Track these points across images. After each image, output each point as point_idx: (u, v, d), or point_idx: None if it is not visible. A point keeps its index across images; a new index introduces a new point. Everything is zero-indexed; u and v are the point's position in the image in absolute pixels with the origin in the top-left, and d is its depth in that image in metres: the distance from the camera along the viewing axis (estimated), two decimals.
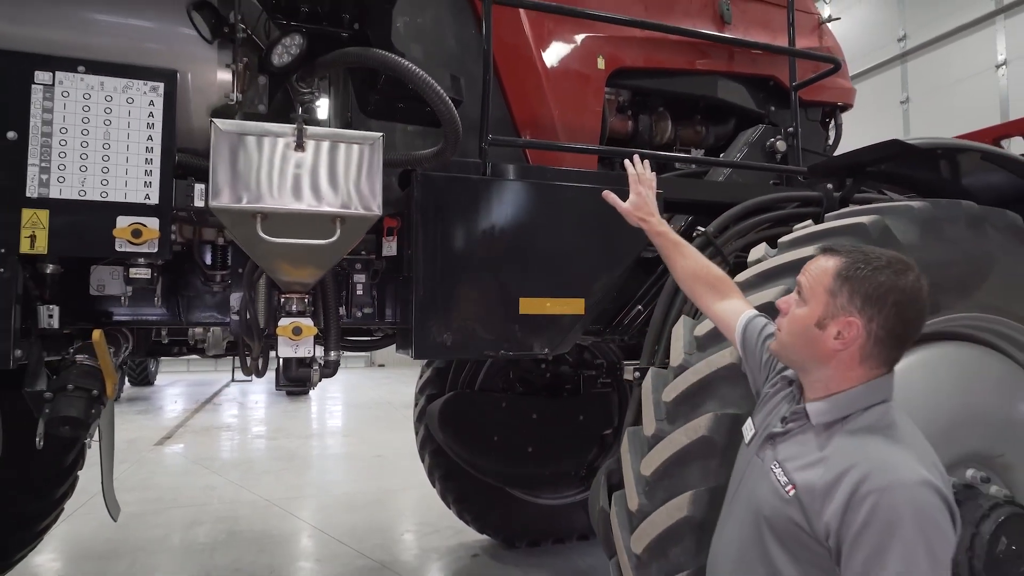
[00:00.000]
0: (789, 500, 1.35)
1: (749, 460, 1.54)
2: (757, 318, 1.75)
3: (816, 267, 1.46)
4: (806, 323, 1.41)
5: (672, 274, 2.01)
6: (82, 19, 2.01)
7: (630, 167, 2.07)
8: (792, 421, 1.45)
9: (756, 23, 3.59)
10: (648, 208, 1.99)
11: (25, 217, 1.86)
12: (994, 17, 7.75)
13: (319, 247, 1.84)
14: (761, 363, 1.68)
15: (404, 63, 2.02)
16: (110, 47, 2.02)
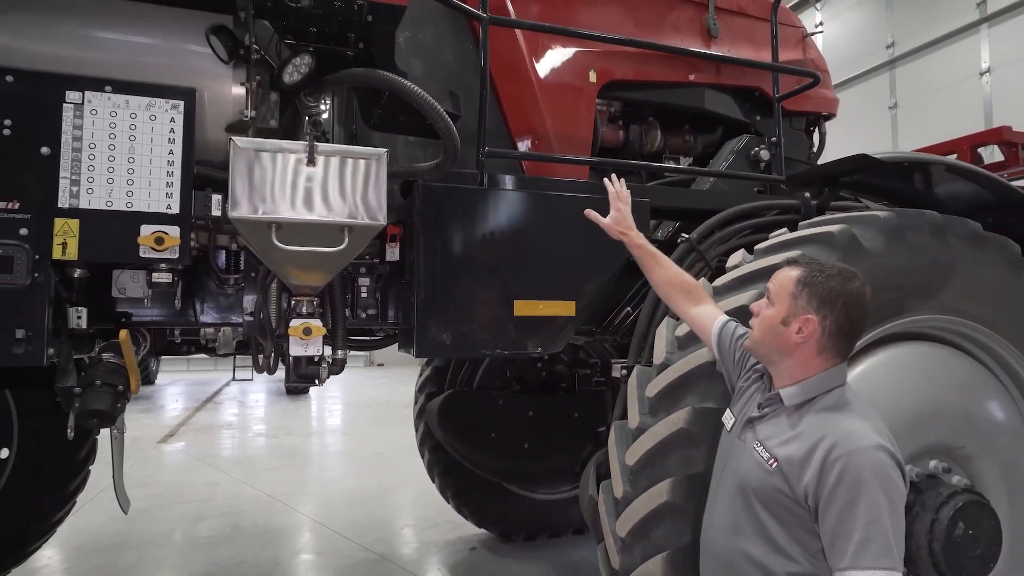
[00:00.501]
0: (772, 472, 1.60)
1: (732, 444, 1.79)
2: (729, 323, 1.98)
3: (782, 275, 1.75)
4: (773, 321, 1.69)
5: (650, 282, 2.21)
6: (109, 40, 2.16)
7: (609, 185, 2.29)
8: (767, 406, 1.71)
9: (742, 37, 3.74)
10: (627, 223, 2.22)
11: (57, 226, 2.01)
12: (978, 26, 7.92)
13: (329, 254, 2.00)
14: (734, 361, 1.93)
15: (408, 85, 2.18)
16: (134, 66, 2.17)
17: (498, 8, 2.93)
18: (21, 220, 1.98)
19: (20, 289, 1.97)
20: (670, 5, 3.51)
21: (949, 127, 8.06)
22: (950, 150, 4.58)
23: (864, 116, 9.09)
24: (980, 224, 2.57)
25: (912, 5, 8.93)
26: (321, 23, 2.31)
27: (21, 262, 1.97)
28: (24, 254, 1.97)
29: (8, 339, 1.96)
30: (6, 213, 1.97)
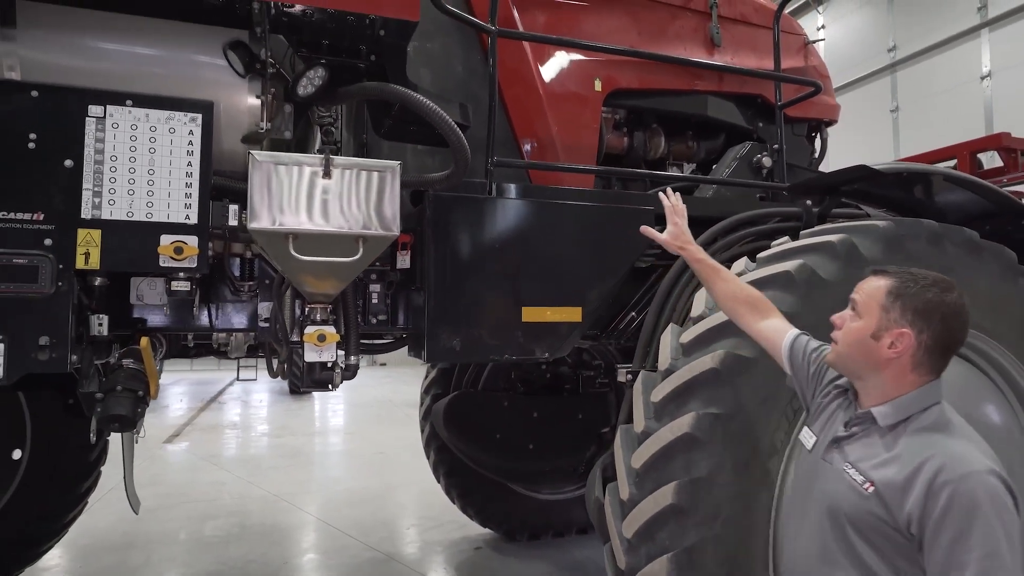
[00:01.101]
0: (868, 496, 1.47)
1: (816, 465, 1.67)
2: (801, 336, 1.90)
3: (869, 286, 1.63)
4: (862, 335, 1.57)
5: (712, 296, 2.13)
6: (129, 55, 2.22)
7: (665, 200, 2.24)
8: (856, 424, 1.59)
9: (744, 44, 3.80)
10: (685, 237, 2.15)
11: (80, 236, 2.08)
12: (979, 30, 7.97)
13: (344, 264, 2.06)
14: (808, 376, 1.84)
15: (420, 99, 2.24)
16: (154, 80, 2.24)
17: (505, 19, 2.98)
18: (46, 231, 2.04)
19: (44, 298, 2.04)
20: (674, 14, 3.57)
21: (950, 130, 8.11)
22: (950, 155, 4.63)
23: (865, 119, 9.15)
24: (977, 232, 2.63)
25: (913, 9, 8.98)
26: (334, 37, 2.37)
27: (45, 272, 2.03)
28: (48, 264, 2.04)
29: (33, 346, 2.03)
30: (31, 224, 2.03)
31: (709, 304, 2.32)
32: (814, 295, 2.22)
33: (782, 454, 2.12)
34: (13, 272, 2.00)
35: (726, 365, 2.07)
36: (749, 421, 2.07)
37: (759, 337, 1.99)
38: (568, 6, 3.29)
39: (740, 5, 3.83)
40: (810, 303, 2.21)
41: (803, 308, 2.20)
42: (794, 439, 2.15)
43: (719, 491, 2.01)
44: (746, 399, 2.08)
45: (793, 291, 2.21)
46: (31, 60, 2.11)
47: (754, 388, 2.10)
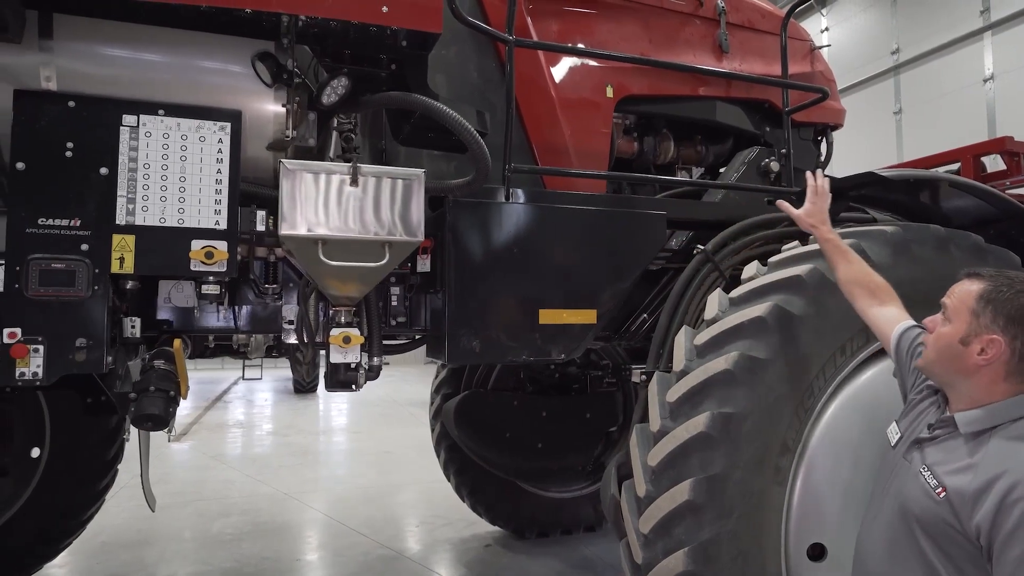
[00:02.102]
0: (940, 502, 1.46)
1: (896, 462, 1.67)
2: (911, 329, 1.86)
3: (960, 289, 1.61)
4: (950, 340, 1.55)
5: (835, 276, 2.16)
6: (161, 65, 2.29)
7: (811, 179, 2.30)
8: (939, 428, 1.58)
9: (752, 51, 3.86)
10: (820, 216, 2.21)
11: (115, 241, 2.15)
12: (982, 33, 8.03)
13: (370, 268, 2.14)
14: (908, 370, 1.84)
15: (443, 109, 2.31)
16: (184, 89, 2.30)
17: (519, 27, 3.05)
18: (82, 236, 2.12)
19: (81, 301, 2.11)
20: (683, 22, 3.63)
21: (953, 132, 8.19)
22: (954, 159, 4.69)
23: (869, 121, 9.21)
24: (982, 237, 2.70)
25: (916, 12, 9.04)
26: (357, 47, 2.44)
27: (82, 276, 2.10)
28: (85, 268, 2.11)
29: (70, 348, 2.10)
30: (69, 230, 2.11)
31: (723, 306, 2.39)
32: (824, 299, 2.29)
33: (794, 452, 2.19)
34: (52, 276, 2.08)
35: (740, 366, 2.14)
36: (762, 420, 2.14)
37: (871, 323, 1.98)
38: (580, 14, 3.36)
39: (748, 12, 3.89)
40: (821, 306, 2.28)
41: (814, 311, 2.27)
42: (806, 437, 2.22)
43: (734, 488, 2.08)
44: (759, 399, 2.15)
45: (804, 295, 2.28)
46: (67, 70, 2.17)
47: (767, 388, 2.17)
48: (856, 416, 2.30)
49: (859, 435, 2.27)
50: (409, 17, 2.27)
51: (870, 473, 2.25)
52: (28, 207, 2.08)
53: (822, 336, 2.28)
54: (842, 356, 2.31)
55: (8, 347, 2.03)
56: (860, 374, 2.35)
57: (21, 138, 2.09)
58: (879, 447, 2.25)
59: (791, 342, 2.22)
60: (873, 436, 2.27)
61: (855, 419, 2.29)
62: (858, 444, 2.25)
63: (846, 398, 2.31)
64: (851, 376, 2.34)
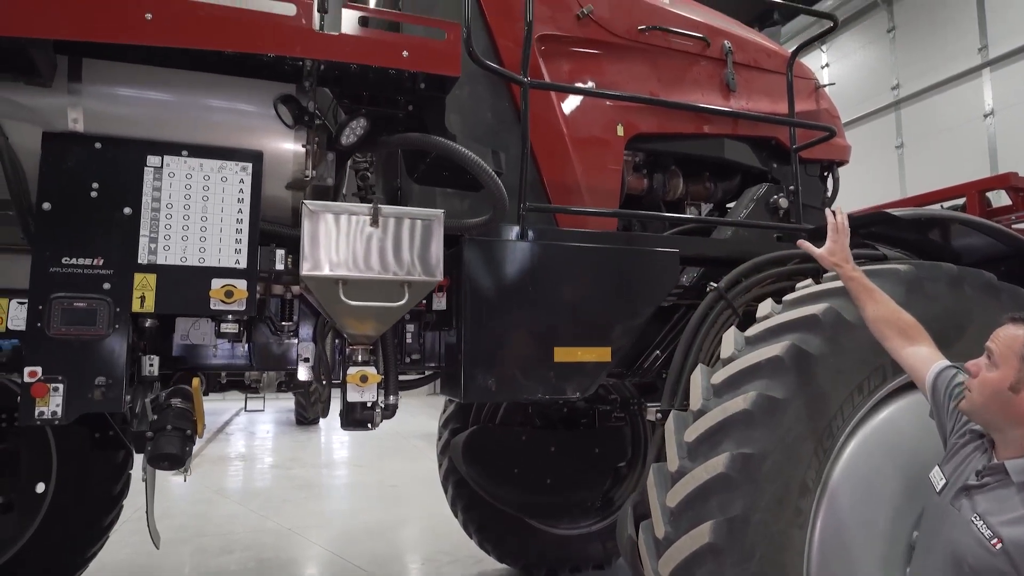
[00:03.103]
0: (996, 553, 1.43)
1: (943, 509, 1.64)
2: (947, 369, 1.84)
3: (1006, 335, 1.60)
4: (999, 386, 1.54)
5: (862, 316, 2.14)
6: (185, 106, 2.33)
7: (831, 217, 2.28)
8: (989, 475, 1.55)
9: (758, 89, 3.93)
10: (843, 254, 2.20)
11: (137, 280, 2.17)
12: (980, 70, 8.16)
13: (389, 308, 2.15)
14: (948, 411, 1.81)
15: (462, 151, 2.35)
16: (207, 129, 2.35)
17: (532, 69, 3.11)
18: (105, 275, 2.14)
19: (101, 340, 2.12)
20: (691, 62, 3.70)
21: (955, 166, 8.26)
22: (959, 194, 4.73)
23: (872, 155, 9.31)
24: (994, 274, 2.71)
25: (915, 49, 9.20)
26: (376, 90, 2.49)
27: (103, 314, 2.12)
28: (106, 307, 2.12)
29: (89, 387, 2.10)
30: (92, 269, 2.13)
31: (739, 345, 2.40)
32: (841, 338, 2.30)
33: (814, 493, 2.18)
34: (74, 315, 2.09)
35: (758, 406, 2.14)
36: (782, 461, 2.13)
37: (904, 363, 1.96)
38: (591, 55, 3.42)
39: (753, 52, 3.97)
40: (837, 346, 2.29)
41: (831, 350, 2.27)
42: (825, 478, 2.21)
43: (754, 530, 2.06)
44: (779, 439, 2.14)
45: (820, 334, 2.28)
46: (94, 111, 2.21)
47: (786, 429, 2.16)
48: (876, 455, 2.29)
49: (879, 475, 2.26)
50: (428, 61, 2.32)
51: (892, 513, 2.24)
52: (53, 247, 2.10)
53: (840, 375, 2.28)
54: (860, 395, 2.31)
55: (29, 386, 2.04)
56: (878, 412, 2.35)
57: (48, 179, 2.12)
58: (900, 486, 2.26)
59: (809, 382, 2.22)
60: (894, 475, 2.27)
61: (875, 458, 2.28)
62: (879, 484, 2.24)
63: (865, 437, 2.30)
64: (869, 415, 2.33)
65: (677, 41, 3.65)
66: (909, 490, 2.21)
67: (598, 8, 3.40)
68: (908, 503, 2.21)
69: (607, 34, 3.43)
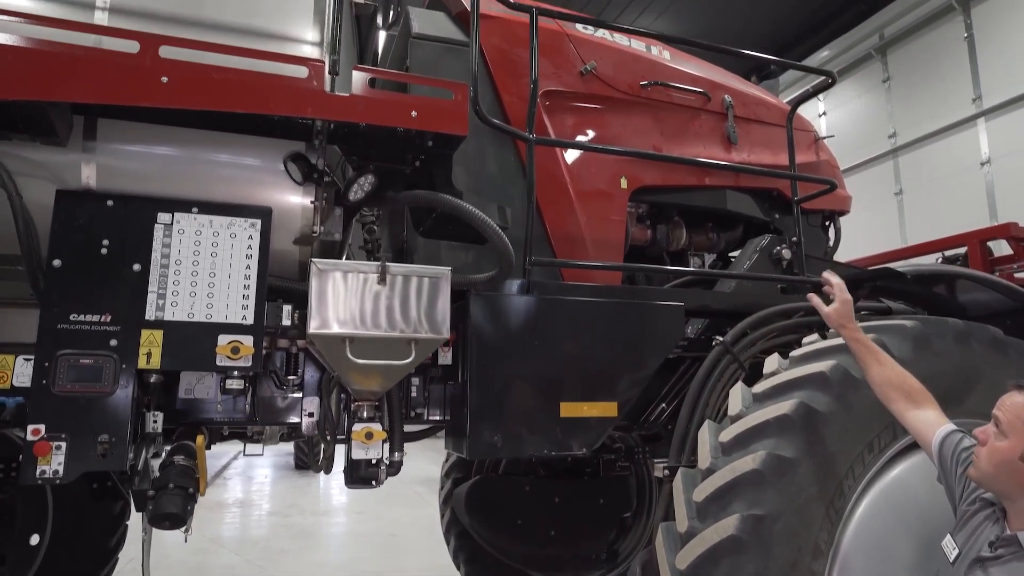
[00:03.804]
0: None
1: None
2: (954, 433, 1.84)
3: (1012, 403, 1.59)
4: (1008, 456, 1.53)
5: (867, 378, 2.14)
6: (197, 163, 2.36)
7: (831, 278, 2.31)
8: (1003, 547, 1.54)
9: (759, 142, 3.99)
10: (849, 315, 2.20)
11: (143, 337, 2.17)
12: (975, 119, 8.30)
13: (396, 366, 2.14)
14: (956, 476, 1.80)
15: (470, 210, 2.38)
16: (217, 186, 2.37)
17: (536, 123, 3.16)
18: (112, 332, 2.14)
19: (106, 396, 2.11)
20: (693, 115, 3.77)
21: (955, 213, 8.33)
22: (960, 243, 4.77)
23: (871, 201, 9.39)
24: (999, 328, 2.71)
25: (910, 98, 9.37)
26: (385, 147, 2.53)
27: (109, 371, 2.11)
28: (112, 363, 2.12)
29: (92, 445, 2.08)
30: (99, 326, 2.13)
31: (746, 402, 2.38)
32: (849, 395, 2.28)
33: (827, 556, 2.14)
34: (79, 372, 2.09)
35: (768, 466, 2.12)
36: (793, 522, 2.10)
37: (910, 427, 1.95)
38: (594, 109, 3.49)
39: (754, 105, 4.04)
40: (846, 403, 2.27)
41: (839, 408, 2.26)
42: (838, 540, 2.17)
43: None
44: (789, 500, 2.11)
45: (828, 391, 2.27)
46: (107, 168, 2.24)
47: (797, 489, 2.13)
48: (888, 516, 2.25)
49: (892, 536, 2.22)
50: (436, 121, 2.36)
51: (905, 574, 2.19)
52: (61, 303, 2.11)
53: (849, 433, 2.26)
54: (870, 453, 2.28)
55: (32, 444, 2.02)
56: (889, 471, 2.32)
57: (60, 236, 2.14)
58: (913, 548, 2.21)
59: (818, 440, 2.20)
60: (907, 537, 2.23)
61: (887, 519, 2.25)
62: (892, 546, 2.20)
63: (877, 497, 2.27)
64: (880, 473, 2.31)
65: (678, 95, 3.73)
66: (922, 553, 2.17)
67: (601, 65, 3.48)
68: (922, 566, 2.17)
69: (610, 89, 3.50)
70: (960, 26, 8.63)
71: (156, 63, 2.03)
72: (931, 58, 9.06)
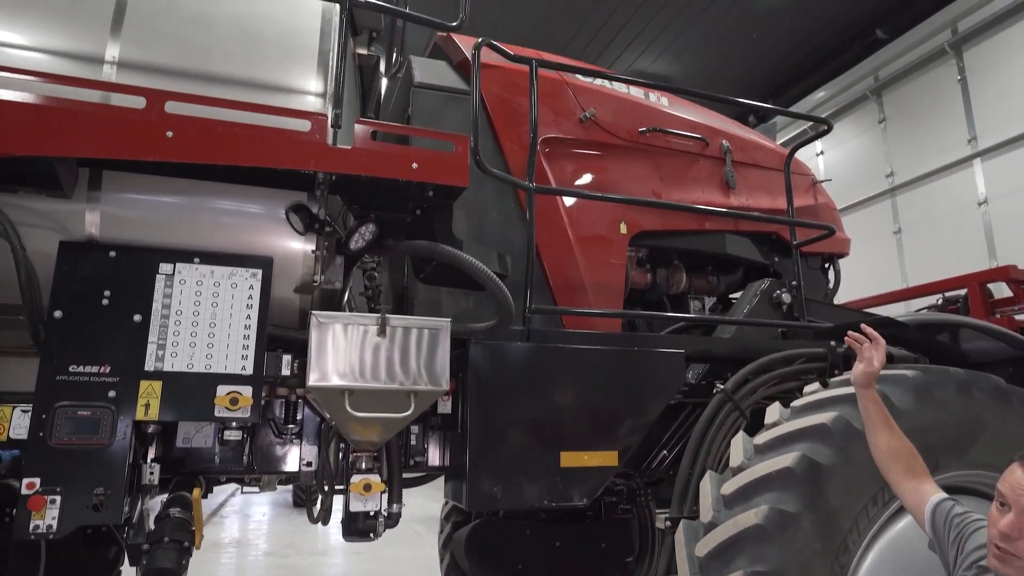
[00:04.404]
0: None
1: None
2: (945, 502, 1.86)
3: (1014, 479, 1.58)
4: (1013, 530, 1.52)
5: (873, 443, 2.07)
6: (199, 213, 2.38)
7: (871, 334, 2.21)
8: None
9: (757, 186, 4.03)
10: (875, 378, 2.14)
11: (142, 388, 2.16)
12: (971, 160, 8.38)
13: (395, 419, 2.13)
14: (949, 542, 1.80)
15: (470, 261, 2.39)
16: (220, 235, 2.39)
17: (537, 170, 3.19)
18: (111, 383, 2.13)
19: (103, 449, 2.09)
20: (691, 161, 3.81)
21: (954, 252, 8.36)
22: (960, 285, 4.79)
23: (871, 240, 9.43)
24: (1002, 375, 2.70)
25: (906, 139, 9.47)
26: (386, 197, 2.55)
27: (106, 423, 2.10)
28: (110, 415, 2.11)
29: (87, 499, 2.06)
30: (98, 377, 2.12)
31: (748, 453, 2.36)
32: (852, 447, 2.26)
33: None
34: (77, 424, 2.07)
35: (771, 521, 2.09)
36: None
37: (904, 497, 1.95)
38: (593, 156, 3.53)
39: (751, 150, 4.09)
40: (849, 456, 2.25)
41: (842, 461, 2.23)
42: None
43: None
44: (793, 556, 2.08)
45: (830, 443, 2.26)
46: (111, 218, 2.25)
47: (800, 544, 2.10)
48: (893, 570, 2.21)
49: None
50: (437, 173, 2.39)
51: None
52: (61, 355, 2.10)
53: (853, 487, 2.24)
54: (875, 507, 2.26)
55: (26, 498, 2.00)
56: (894, 524, 2.29)
57: (62, 287, 2.15)
58: None
59: (821, 494, 2.18)
60: None
61: (893, 574, 2.20)
62: None
63: (882, 551, 2.24)
64: (885, 527, 2.28)
65: (677, 141, 3.77)
66: None
67: (600, 111, 3.53)
68: None
69: (609, 136, 3.55)
70: (953, 69, 8.77)
71: (162, 118, 2.06)
72: (926, 100, 9.19)
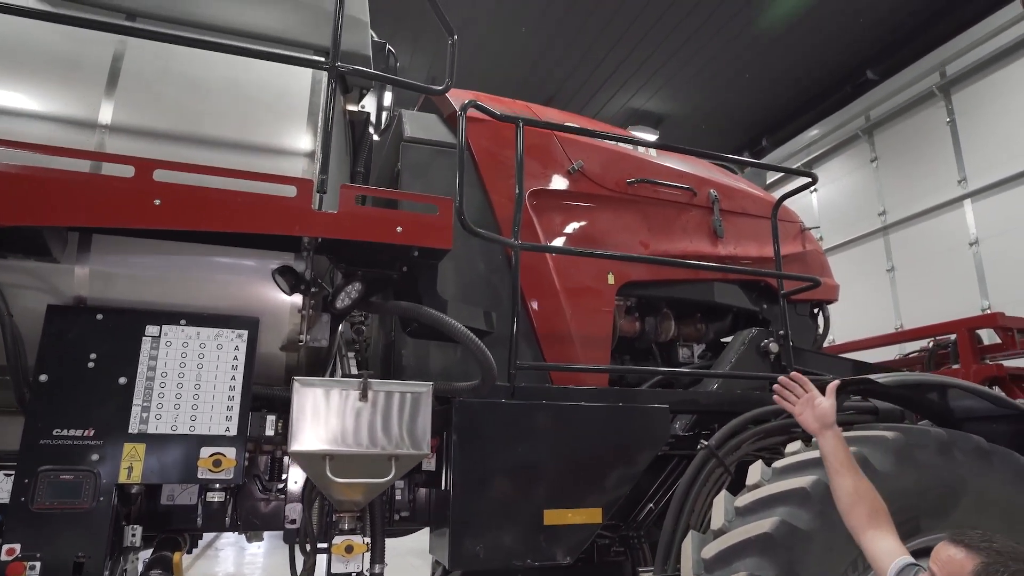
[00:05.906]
0: None
1: None
2: (910, 567, 1.82)
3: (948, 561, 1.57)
4: None
5: (836, 485, 2.07)
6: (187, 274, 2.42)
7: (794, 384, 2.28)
8: None
9: (745, 234, 4.07)
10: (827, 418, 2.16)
11: (126, 450, 2.17)
12: (961, 200, 8.46)
13: (375, 484, 2.15)
14: None
15: (452, 324, 2.42)
16: (205, 295, 2.42)
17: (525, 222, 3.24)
18: (94, 446, 2.15)
19: (85, 513, 2.10)
20: (680, 210, 3.86)
21: (947, 290, 8.40)
22: (949, 331, 4.81)
23: (864, 277, 9.47)
24: (984, 431, 2.71)
25: (898, 178, 9.57)
26: (371, 257, 2.59)
27: (89, 487, 2.11)
28: (92, 479, 2.12)
29: (67, 564, 2.06)
30: (82, 440, 2.14)
31: (729, 515, 2.36)
32: (831, 511, 2.26)
33: None
34: (59, 489, 2.08)
35: None
36: None
37: (866, 549, 1.93)
38: (581, 207, 3.58)
39: (739, 199, 4.14)
40: (827, 520, 2.25)
41: (821, 526, 2.24)
42: None
43: None
44: None
45: (809, 508, 2.26)
46: (99, 280, 2.29)
47: None
48: None
49: None
50: (421, 236, 2.42)
51: None
52: (45, 419, 2.13)
53: (832, 552, 2.24)
54: (854, 572, 2.25)
55: (5, 565, 2.00)
56: None
57: (48, 351, 2.18)
58: None
59: (800, 560, 2.18)
60: None
61: None
62: None
63: None
64: None
65: (665, 191, 3.83)
66: None
67: (588, 163, 3.59)
68: None
69: (597, 187, 3.61)
70: (942, 111, 8.89)
71: (150, 187, 2.11)
72: (916, 140, 9.30)
